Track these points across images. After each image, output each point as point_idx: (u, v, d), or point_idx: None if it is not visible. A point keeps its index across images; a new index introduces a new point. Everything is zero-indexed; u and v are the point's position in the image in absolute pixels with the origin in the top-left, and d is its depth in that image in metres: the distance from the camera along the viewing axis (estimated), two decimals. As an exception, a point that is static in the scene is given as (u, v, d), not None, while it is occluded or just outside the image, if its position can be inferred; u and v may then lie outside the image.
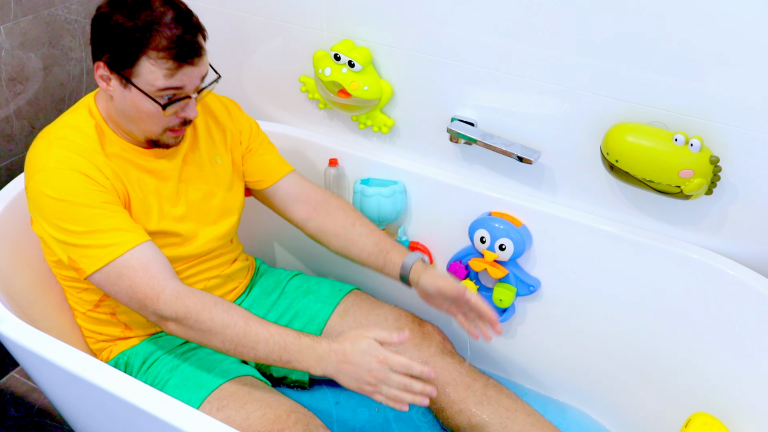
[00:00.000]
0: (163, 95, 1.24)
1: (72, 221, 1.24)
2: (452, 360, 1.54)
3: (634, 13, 1.34)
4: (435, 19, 1.53)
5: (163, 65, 1.21)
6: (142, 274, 1.24)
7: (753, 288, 1.41)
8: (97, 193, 1.26)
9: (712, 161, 1.35)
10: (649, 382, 1.60)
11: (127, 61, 1.22)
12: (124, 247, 1.24)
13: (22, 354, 1.31)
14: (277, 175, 1.54)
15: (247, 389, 1.36)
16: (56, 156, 1.26)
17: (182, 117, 1.29)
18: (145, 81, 1.22)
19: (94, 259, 1.24)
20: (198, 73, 1.26)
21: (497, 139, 1.54)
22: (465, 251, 1.67)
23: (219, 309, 1.24)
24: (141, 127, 1.29)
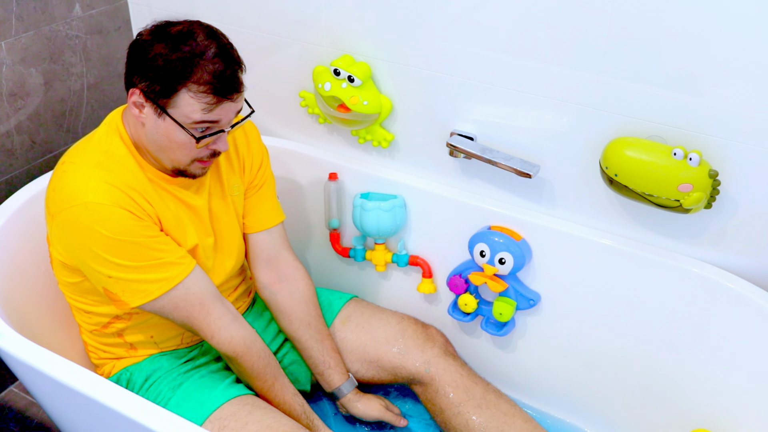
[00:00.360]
0: (197, 128, 1.23)
1: (122, 257, 1.24)
2: (454, 362, 1.57)
3: (633, 29, 1.34)
4: (434, 35, 1.54)
5: (203, 99, 1.20)
6: (199, 310, 1.32)
7: (753, 301, 1.41)
8: (143, 229, 1.26)
9: (711, 175, 1.36)
10: (648, 396, 1.59)
11: (165, 91, 1.20)
12: (175, 280, 1.28)
13: (21, 369, 1.31)
14: (264, 224, 1.51)
15: (248, 409, 1.36)
16: (96, 188, 1.23)
17: (212, 149, 1.28)
18: (182, 113, 1.21)
19: (142, 294, 1.27)
20: (235, 108, 1.25)
21: (496, 154, 1.55)
22: (465, 265, 1.67)
23: (261, 362, 1.39)
24: (170, 156, 1.28)
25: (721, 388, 1.46)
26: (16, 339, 1.27)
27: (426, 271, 1.74)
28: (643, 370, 1.58)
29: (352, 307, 1.64)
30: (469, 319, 1.70)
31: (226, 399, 1.37)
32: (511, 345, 1.74)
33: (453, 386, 1.53)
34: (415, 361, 1.56)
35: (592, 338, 1.63)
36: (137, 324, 1.41)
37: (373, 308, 1.65)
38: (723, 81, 1.32)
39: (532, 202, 1.61)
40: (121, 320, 1.41)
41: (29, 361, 1.24)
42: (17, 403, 1.86)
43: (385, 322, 1.60)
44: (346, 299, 1.65)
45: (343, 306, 1.63)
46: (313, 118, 1.80)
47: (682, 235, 1.49)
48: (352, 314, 1.62)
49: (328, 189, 1.77)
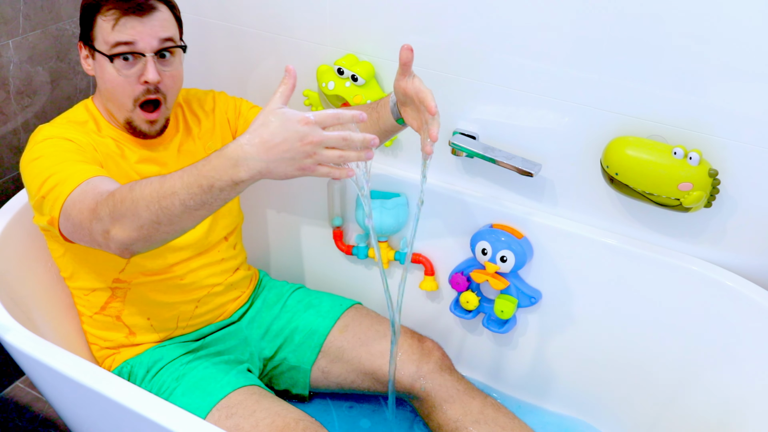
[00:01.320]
0: (114, 51, 1.30)
1: (46, 169, 1.24)
2: (450, 377, 1.55)
3: (634, 29, 1.35)
4: (437, 35, 1.55)
5: (111, 17, 1.29)
6: (92, 194, 1.16)
7: (753, 300, 1.41)
8: (77, 150, 1.29)
9: (710, 174, 1.37)
10: (650, 393, 1.60)
11: (87, 27, 1.32)
12: (81, 177, 1.20)
13: (27, 363, 1.32)
14: None
15: (255, 398, 1.38)
16: (45, 132, 1.32)
17: (143, 81, 1.32)
18: (101, 40, 1.30)
19: (57, 201, 1.20)
20: (150, 30, 1.30)
21: (498, 152, 1.56)
22: (467, 263, 1.69)
23: (142, 180, 1.11)
24: (115, 103, 1.35)
25: (721, 386, 1.47)
26: (23, 333, 1.28)
27: (428, 268, 1.76)
28: (644, 367, 1.59)
29: (351, 316, 1.63)
30: (471, 317, 1.71)
31: (234, 388, 1.38)
32: (512, 342, 1.75)
33: (449, 402, 1.51)
34: (410, 376, 1.54)
35: (592, 336, 1.64)
36: (133, 302, 1.44)
37: (372, 318, 1.63)
38: (723, 81, 1.33)
39: (534, 201, 1.62)
40: (117, 299, 1.43)
41: (36, 355, 1.25)
42: (23, 398, 1.87)
43: (382, 335, 1.59)
44: (346, 307, 1.65)
45: (342, 314, 1.63)
46: (316, 116, 1.81)
47: (682, 234, 1.50)
48: (350, 323, 1.61)
49: (332, 187, 1.78)
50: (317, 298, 1.66)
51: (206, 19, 1.81)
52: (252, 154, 0.98)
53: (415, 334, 1.62)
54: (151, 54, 1.31)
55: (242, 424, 1.32)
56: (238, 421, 1.33)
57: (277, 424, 1.31)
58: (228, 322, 1.56)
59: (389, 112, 1.35)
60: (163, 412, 1.15)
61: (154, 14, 1.30)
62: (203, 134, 1.50)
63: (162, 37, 1.31)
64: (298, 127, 0.97)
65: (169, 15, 1.34)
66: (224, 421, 1.33)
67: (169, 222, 1.07)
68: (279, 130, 0.97)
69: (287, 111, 0.99)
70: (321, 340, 1.58)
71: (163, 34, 1.31)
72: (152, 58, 1.31)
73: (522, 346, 1.74)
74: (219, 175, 1.01)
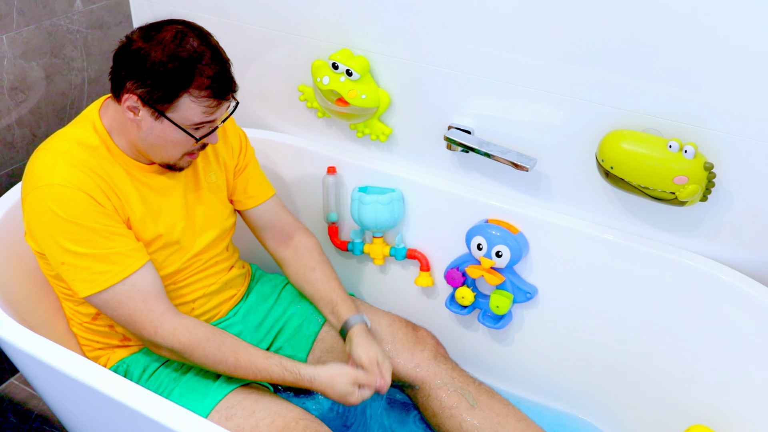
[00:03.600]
0: (196, 127, 1.29)
1: (73, 242, 1.26)
2: (445, 365, 1.55)
3: (628, 24, 1.35)
4: (432, 29, 1.55)
5: (204, 103, 1.26)
6: (142, 306, 1.29)
7: (748, 294, 1.42)
8: (100, 215, 1.28)
9: (706, 167, 1.37)
10: (645, 388, 1.60)
11: (166, 97, 1.24)
12: (122, 274, 1.28)
13: (21, 359, 1.32)
14: (257, 199, 1.57)
15: (254, 397, 1.38)
16: (62, 171, 1.27)
17: (205, 143, 1.34)
18: (182, 116, 1.26)
19: (89, 284, 1.28)
20: (228, 105, 1.31)
21: (494, 147, 1.56)
22: (462, 258, 1.68)
23: (212, 346, 1.32)
24: (161, 153, 1.33)
25: (716, 379, 1.47)
26: (17, 329, 1.28)
27: (424, 264, 1.75)
28: (640, 361, 1.59)
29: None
30: (466, 312, 1.71)
31: (232, 388, 1.38)
32: (508, 338, 1.75)
33: (444, 389, 1.51)
34: (405, 365, 1.54)
35: (588, 330, 1.64)
36: None
37: (366, 308, 1.63)
38: (718, 75, 1.33)
39: (529, 196, 1.62)
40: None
41: (30, 351, 1.25)
42: (17, 395, 1.87)
43: (376, 324, 1.59)
44: None
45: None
46: (311, 112, 1.81)
47: (678, 228, 1.50)
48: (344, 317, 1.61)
49: (327, 183, 1.78)
50: None
51: (201, 15, 1.81)
52: (321, 387, 1.38)
53: (409, 323, 1.62)
54: (220, 123, 1.32)
55: (242, 425, 1.32)
56: (239, 422, 1.33)
57: (277, 424, 1.31)
58: (223, 320, 1.56)
59: (344, 319, 1.52)
60: (163, 410, 1.14)
61: (235, 91, 1.31)
62: (206, 162, 1.49)
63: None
64: (349, 387, 1.39)
65: None
66: (224, 423, 1.33)
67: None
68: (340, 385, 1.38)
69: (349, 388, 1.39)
70: (316, 329, 1.58)
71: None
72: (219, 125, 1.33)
73: (517, 341, 1.74)
74: (290, 383, 1.38)
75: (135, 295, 1.29)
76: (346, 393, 1.37)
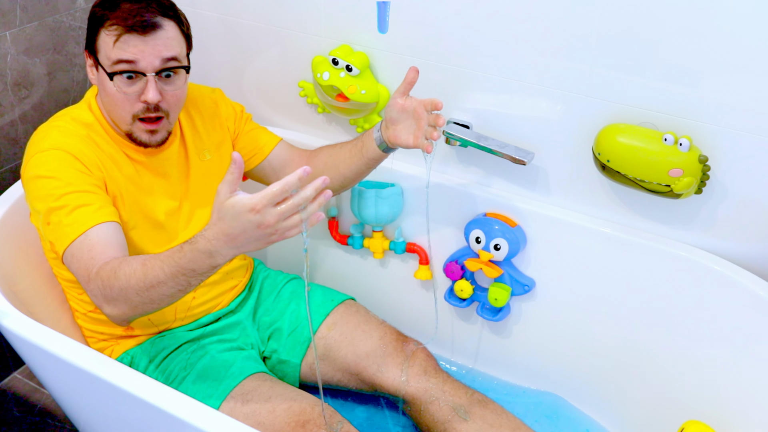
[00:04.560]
0: (115, 69, 1.28)
1: (51, 197, 1.26)
2: (435, 379, 1.54)
3: (625, 19, 1.37)
4: (430, 25, 1.56)
5: (113, 32, 1.26)
6: (86, 257, 1.23)
7: (743, 285, 1.43)
8: (79, 173, 1.29)
9: (700, 160, 1.39)
10: (642, 379, 1.62)
11: (92, 37, 1.30)
12: (83, 227, 1.24)
13: (27, 350, 1.33)
14: (267, 148, 1.58)
15: (268, 384, 1.39)
16: (52, 139, 1.31)
17: (143, 100, 1.30)
18: (104, 55, 1.29)
19: (62, 238, 1.25)
20: (152, 50, 1.27)
21: (492, 141, 1.57)
22: (461, 251, 1.70)
23: (123, 266, 1.18)
24: (115, 115, 1.34)
25: (711, 369, 1.49)
26: (24, 320, 1.29)
27: (423, 258, 1.77)
28: (636, 352, 1.61)
29: (339, 313, 1.61)
30: (465, 305, 1.73)
31: (247, 375, 1.40)
32: (506, 330, 1.77)
33: (435, 404, 1.51)
34: (394, 380, 1.53)
35: (585, 322, 1.66)
36: None
37: (360, 317, 1.62)
38: (712, 70, 1.35)
39: (527, 189, 1.64)
40: None
41: (37, 342, 1.26)
42: (20, 388, 1.88)
43: (368, 336, 1.58)
44: (336, 303, 1.63)
45: (332, 311, 1.61)
46: (311, 107, 1.83)
47: (673, 221, 1.52)
48: (338, 321, 1.60)
49: (327, 177, 1.79)
50: (310, 291, 1.66)
51: (202, 11, 1.82)
52: (221, 246, 1.07)
53: (400, 336, 1.60)
54: (152, 74, 1.28)
55: (259, 410, 1.33)
56: (255, 407, 1.34)
57: (293, 410, 1.33)
58: (226, 311, 1.57)
59: (373, 141, 1.46)
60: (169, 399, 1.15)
61: (158, 33, 1.27)
62: (198, 140, 1.50)
63: (165, 56, 1.28)
64: (250, 217, 1.02)
65: (176, 32, 1.30)
66: (241, 408, 1.34)
67: (159, 301, 1.18)
68: (235, 223, 1.04)
69: (236, 203, 1.03)
70: (309, 336, 1.58)
71: (166, 53, 1.28)
72: (153, 78, 1.28)
73: (516, 333, 1.76)
74: (198, 265, 1.11)
75: (85, 245, 1.23)
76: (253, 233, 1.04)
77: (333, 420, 1.34)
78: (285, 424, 1.32)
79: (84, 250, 1.23)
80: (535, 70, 1.50)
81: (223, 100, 1.57)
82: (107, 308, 1.22)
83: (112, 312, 1.22)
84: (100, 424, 1.43)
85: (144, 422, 1.24)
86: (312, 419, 1.32)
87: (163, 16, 1.29)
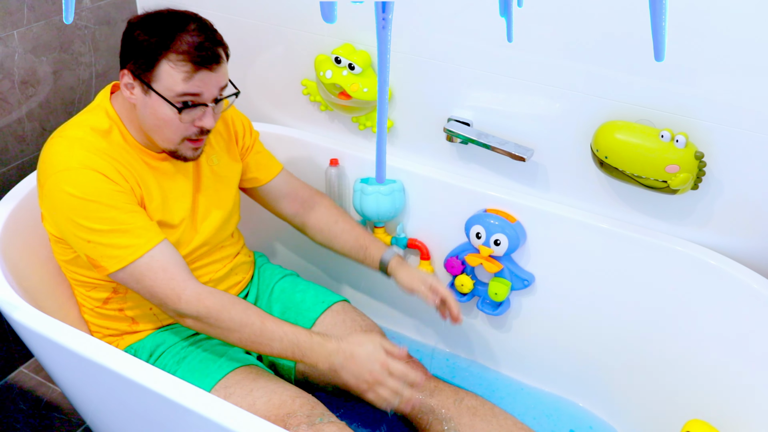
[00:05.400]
0: (180, 101, 1.30)
1: (95, 220, 1.28)
2: (424, 393, 1.53)
3: (622, 18, 1.39)
4: (432, 25, 1.59)
5: (182, 68, 1.27)
6: (162, 276, 1.31)
7: (738, 279, 1.46)
8: (117, 193, 1.31)
9: (697, 156, 1.41)
10: (641, 373, 1.64)
11: (148, 65, 1.28)
12: (144, 248, 1.30)
13: (36, 342, 1.35)
14: (270, 173, 1.62)
15: (252, 377, 1.41)
16: (77, 156, 1.30)
17: (199, 126, 1.34)
18: (164, 86, 1.28)
19: (116, 260, 1.30)
20: (216, 81, 1.31)
21: (492, 138, 1.60)
22: (461, 247, 1.73)
23: (238, 309, 1.31)
24: (161, 135, 1.35)
25: (707, 364, 1.51)
26: (33, 313, 1.31)
27: (424, 253, 1.80)
28: (635, 346, 1.63)
29: (330, 317, 1.60)
30: (466, 300, 1.75)
31: (231, 368, 1.41)
32: (506, 324, 1.79)
33: (425, 420, 1.52)
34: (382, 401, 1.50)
35: (583, 316, 1.68)
36: (135, 297, 1.45)
37: (347, 327, 1.59)
38: (709, 68, 1.37)
39: (527, 186, 1.67)
40: (119, 294, 1.45)
41: (47, 334, 1.28)
42: (27, 383, 1.91)
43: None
44: (327, 305, 1.62)
45: (321, 315, 1.60)
46: (314, 105, 1.85)
47: (670, 216, 1.55)
48: (328, 326, 1.58)
49: (329, 174, 1.82)
50: (302, 291, 1.66)
51: (206, 10, 1.84)
52: (339, 357, 1.30)
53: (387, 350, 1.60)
54: (212, 104, 1.33)
55: (240, 404, 1.34)
56: (236, 400, 1.35)
57: (273, 402, 1.35)
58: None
59: (376, 265, 1.59)
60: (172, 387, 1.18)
61: (221, 66, 1.32)
62: (212, 152, 1.52)
63: (221, 86, 1.33)
64: (375, 365, 1.29)
65: (225, 61, 1.34)
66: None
67: (245, 347, 1.33)
68: (364, 356, 1.29)
69: (379, 350, 1.30)
70: None
71: (222, 83, 1.33)
72: (212, 107, 1.33)
73: (515, 328, 1.78)
74: (311, 356, 1.31)
75: (156, 266, 1.31)
76: (372, 370, 1.28)
77: (314, 412, 1.35)
78: (264, 417, 1.33)
79: (157, 271, 1.31)
80: (535, 69, 1.52)
81: (234, 113, 1.59)
82: (190, 323, 1.33)
83: (192, 325, 1.34)
84: (107, 414, 1.45)
85: (150, 411, 1.27)
86: (293, 412, 1.33)
87: (221, 46, 1.33)
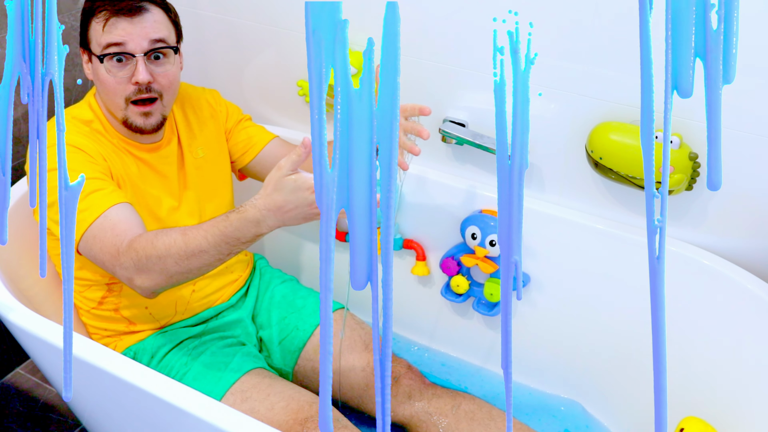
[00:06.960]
0: (105, 52, 1.32)
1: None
2: (420, 401, 1.53)
3: (617, 18, 1.40)
4: (427, 26, 1.59)
5: (102, 18, 1.31)
6: (111, 234, 1.25)
7: (732, 280, 1.46)
8: (89, 164, 1.32)
9: (691, 157, 1.42)
10: (637, 373, 1.64)
11: (84, 32, 1.35)
12: (100, 209, 1.27)
13: (32, 344, 1.35)
14: (260, 144, 1.60)
15: (267, 381, 1.41)
16: (54, 135, 1.33)
17: (133, 82, 1.34)
18: (95, 43, 1.33)
19: (79, 224, 1.26)
20: (141, 32, 1.32)
21: (487, 139, 1.60)
22: (457, 248, 1.73)
23: (160, 236, 1.21)
24: (110, 103, 1.37)
25: (703, 365, 1.51)
26: (29, 315, 1.31)
27: (420, 254, 1.80)
28: (631, 346, 1.64)
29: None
30: (461, 300, 1.76)
31: (245, 371, 1.41)
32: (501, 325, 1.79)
33: (423, 428, 1.52)
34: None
35: (579, 317, 1.68)
36: (129, 296, 1.46)
37: (351, 329, 1.60)
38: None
39: (522, 186, 1.67)
40: (114, 293, 1.45)
41: (43, 336, 1.28)
42: (23, 384, 1.91)
43: (351, 367, 1.56)
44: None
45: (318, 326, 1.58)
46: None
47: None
48: None
49: (326, 175, 1.82)
50: (303, 298, 1.66)
51: (201, 11, 1.85)
52: (269, 216, 1.15)
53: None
54: (141, 55, 1.32)
55: (258, 408, 1.35)
56: (254, 404, 1.35)
57: (291, 407, 1.35)
58: (226, 306, 1.59)
59: None
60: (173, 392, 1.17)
61: (144, 15, 1.32)
62: (192, 138, 1.53)
63: (153, 38, 1.33)
64: (307, 194, 1.12)
65: (162, 17, 1.36)
66: (239, 405, 1.36)
67: (198, 271, 1.22)
68: (291, 197, 1.13)
69: (298, 179, 1.13)
70: (300, 345, 1.59)
71: (154, 35, 1.33)
72: (142, 59, 1.32)
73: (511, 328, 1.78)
74: (243, 234, 1.17)
75: (106, 225, 1.25)
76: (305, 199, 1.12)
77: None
78: (283, 422, 1.34)
79: (107, 230, 1.25)
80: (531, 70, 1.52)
81: (218, 101, 1.60)
82: (139, 280, 1.23)
83: (143, 284, 1.23)
84: (104, 417, 1.45)
85: (149, 415, 1.26)
86: (310, 416, 1.34)
87: (149, 1, 1.35)
